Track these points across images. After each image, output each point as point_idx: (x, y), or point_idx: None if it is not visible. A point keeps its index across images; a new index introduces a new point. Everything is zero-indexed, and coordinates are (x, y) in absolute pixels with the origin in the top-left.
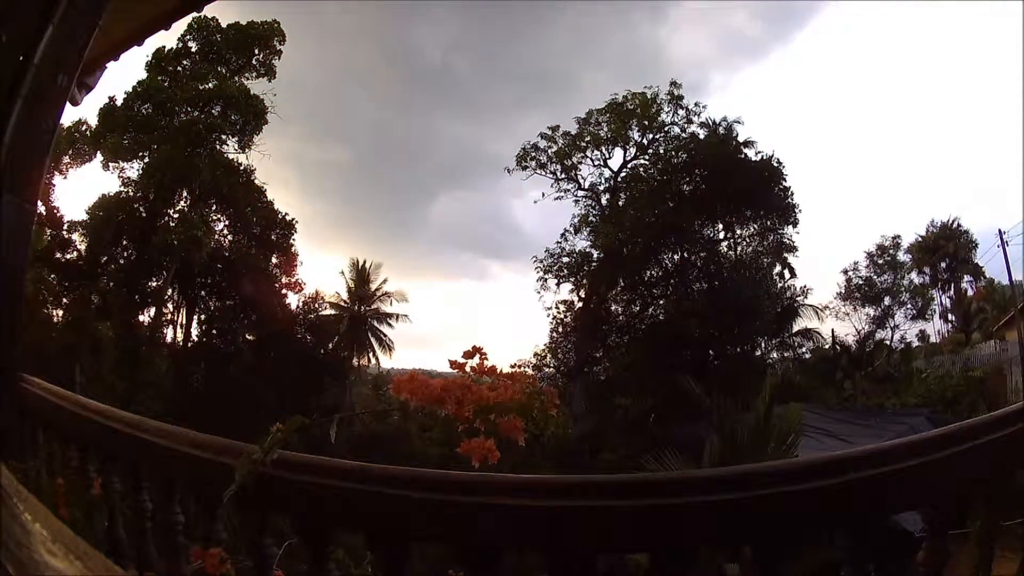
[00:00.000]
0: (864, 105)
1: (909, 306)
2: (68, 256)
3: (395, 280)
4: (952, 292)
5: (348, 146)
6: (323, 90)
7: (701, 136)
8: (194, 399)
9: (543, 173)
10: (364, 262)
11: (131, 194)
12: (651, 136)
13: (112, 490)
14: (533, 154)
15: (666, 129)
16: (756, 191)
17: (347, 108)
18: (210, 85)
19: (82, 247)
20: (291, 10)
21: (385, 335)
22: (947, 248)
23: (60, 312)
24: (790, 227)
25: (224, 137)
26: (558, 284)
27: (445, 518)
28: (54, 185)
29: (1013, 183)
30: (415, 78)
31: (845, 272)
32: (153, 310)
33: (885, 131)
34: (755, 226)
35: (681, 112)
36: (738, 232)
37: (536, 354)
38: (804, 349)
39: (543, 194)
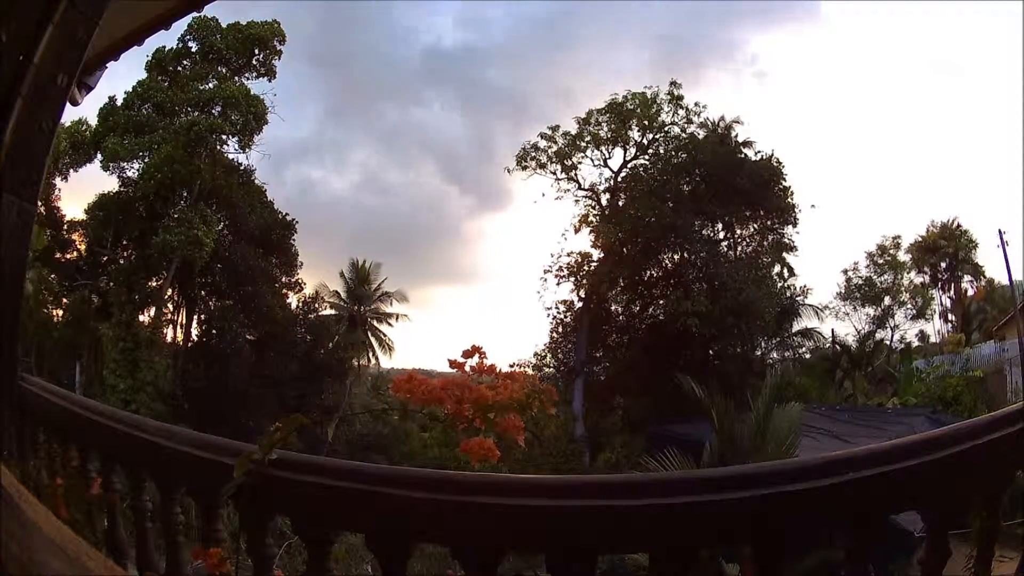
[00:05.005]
0: (864, 105)
1: (909, 306)
2: (68, 256)
3: (395, 280)
4: (952, 292)
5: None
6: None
7: (701, 136)
8: (194, 399)
9: (543, 173)
10: (364, 262)
11: (131, 194)
12: (651, 136)
13: (112, 490)
14: (533, 154)
15: (666, 129)
16: (756, 191)
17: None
18: (210, 85)
19: (82, 247)
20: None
21: (385, 335)
22: (947, 248)
23: (60, 312)
24: (790, 227)
25: (224, 137)
26: (558, 284)
27: (445, 518)
28: (54, 185)
29: (1013, 183)
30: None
31: (845, 272)
32: (153, 310)
33: (886, 130)
34: (755, 226)
35: (681, 112)
36: (738, 232)
37: (536, 354)
38: (804, 349)
39: (543, 194)
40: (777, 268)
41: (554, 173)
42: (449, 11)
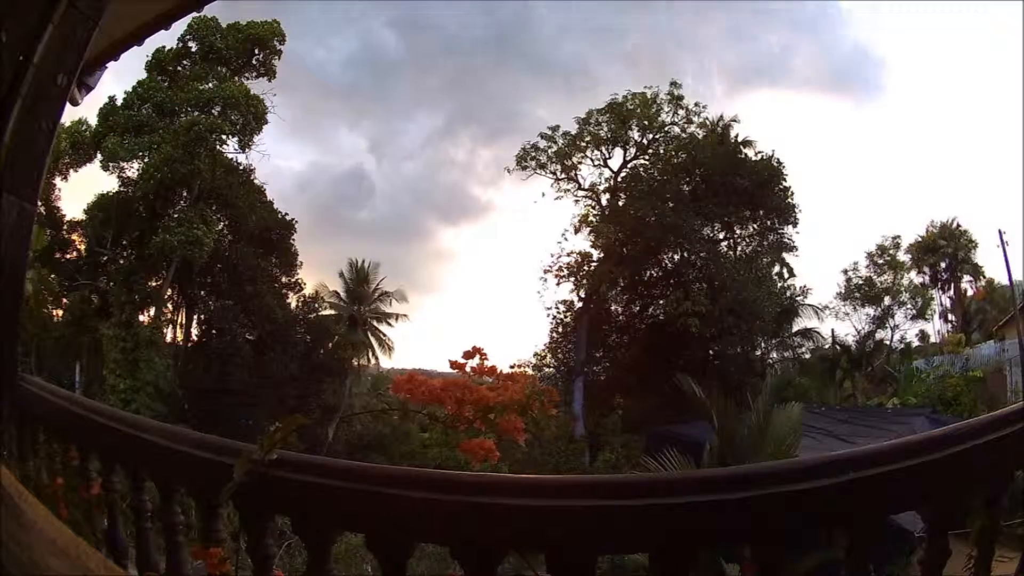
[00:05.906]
0: (863, 105)
1: (909, 306)
2: (68, 256)
3: (394, 280)
4: (952, 292)
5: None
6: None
7: (701, 136)
8: (194, 399)
9: (543, 173)
10: (363, 262)
11: (131, 194)
12: (651, 136)
13: (112, 490)
14: (533, 154)
15: (666, 129)
16: (756, 191)
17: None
18: (210, 85)
19: (82, 247)
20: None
21: (385, 335)
22: (947, 248)
23: (60, 312)
24: (790, 227)
25: (224, 137)
26: (558, 284)
27: (445, 518)
28: (54, 185)
29: (1013, 183)
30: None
31: (845, 272)
32: (153, 310)
33: (885, 131)
34: (755, 226)
35: (681, 112)
36: (738, 232)
37: (536, 354)
38: (804, 349)
39: (543, 194)
40: (777, 268)
41: (554, 173)
42: (448, 10)
